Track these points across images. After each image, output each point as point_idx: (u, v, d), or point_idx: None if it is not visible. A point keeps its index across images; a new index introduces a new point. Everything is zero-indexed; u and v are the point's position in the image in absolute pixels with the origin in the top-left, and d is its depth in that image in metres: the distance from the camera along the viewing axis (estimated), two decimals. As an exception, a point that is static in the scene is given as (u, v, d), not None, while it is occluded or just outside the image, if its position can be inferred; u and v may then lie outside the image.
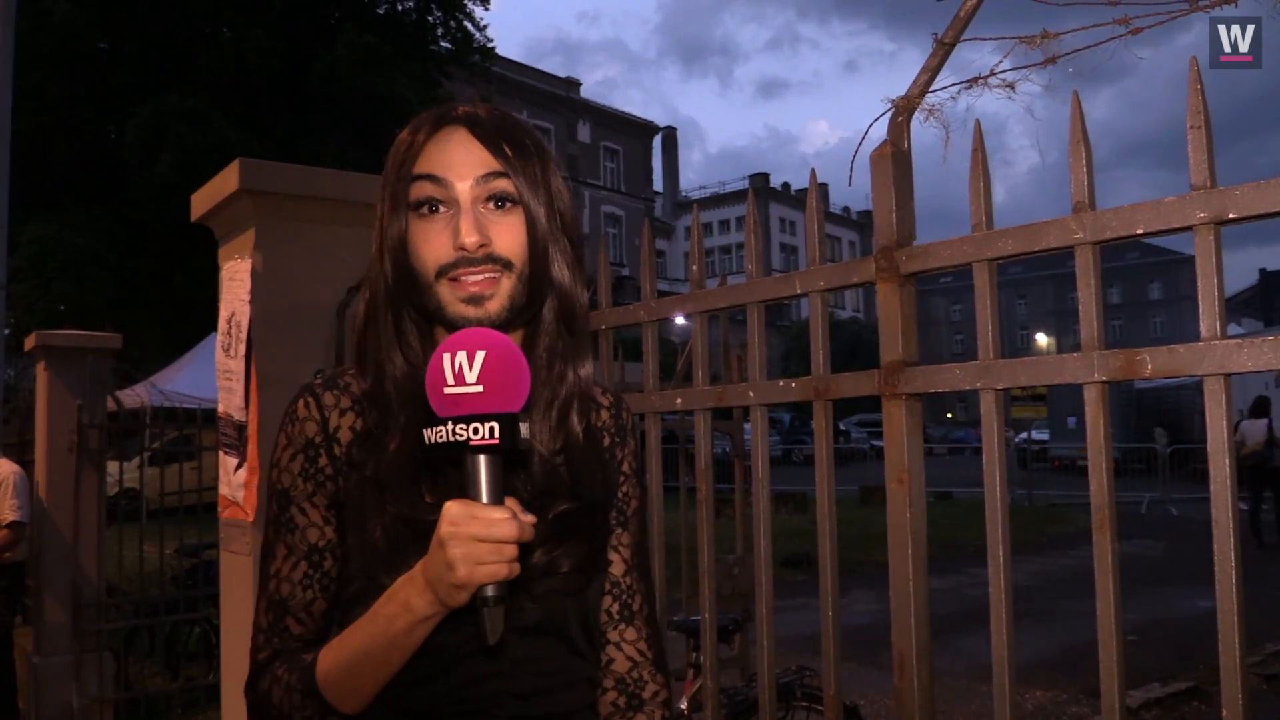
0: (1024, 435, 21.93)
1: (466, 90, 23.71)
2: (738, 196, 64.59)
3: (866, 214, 71.11)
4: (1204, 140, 1.28)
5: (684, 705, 3.62)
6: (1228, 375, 1.27)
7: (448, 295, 1.16)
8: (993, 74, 1.56)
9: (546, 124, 46.09)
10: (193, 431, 6.71)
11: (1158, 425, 20.87)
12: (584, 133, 48.68)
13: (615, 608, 1.29)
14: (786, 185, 68.23)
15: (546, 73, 48.45)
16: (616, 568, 1.30)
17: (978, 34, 1.73)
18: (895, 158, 1.63)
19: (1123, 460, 22.94)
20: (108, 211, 17.72)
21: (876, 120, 1.68)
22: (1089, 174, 1.40)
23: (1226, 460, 1.26)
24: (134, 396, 8.46)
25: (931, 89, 1.69)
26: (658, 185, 57.70)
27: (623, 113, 52.79)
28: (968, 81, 1.61)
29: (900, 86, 1.80)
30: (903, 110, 1.66)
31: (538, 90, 45.78)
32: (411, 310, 1.21)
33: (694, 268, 2.04)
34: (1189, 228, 1.29)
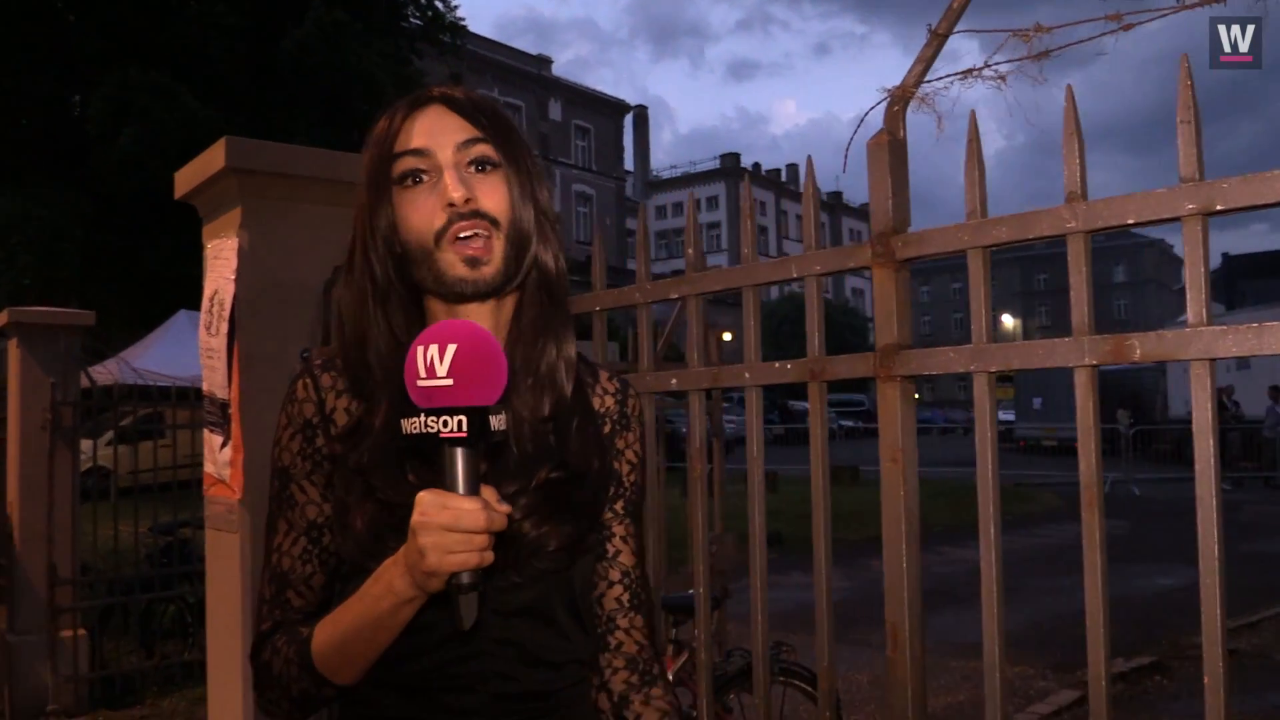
0: (991, 416, 22.13)
1: (437, 68, 23.49)
2: (708, 176, 64.69)
3: (835, 195, 71.58)
4: (1193, 134, 1.33)
5: (666, 680, 3.67)
6: (1213, 360, 1.32)
7: (450, 258, 1.18)
8: (987, 65, 1.60)
9: (517, 101, 45.75)
10: (164, 409, 6.67)
11: (1121, 407, 21.22)
12: (555, 111, 48.36)
13: (627, 597, 1.33)
14: (757, 165, 68.37)
15: (518, 50, 48.01)
16: (626, 558, 1.33)
17: (970, 25, 1.77)
18: (891, 146, 1.67)
19: (1086, 441, 23.21)
20: (72, 185, 17.42)
21: (872, 109, 1.72)
22: (1082, 165, 1.45)
23: (1210, 441, 1.31)
24: (105, 374, 8.38)
25: (926, 79, 1.73)
26: (628, 164, 57.51)
27: (594, 91, 52.44)
28: (961, 73, 1.65)
29: (872, 69, 1.85)
30: (898, 100, 1.70)
31: (509, 68, 45.39)
32: (401, 289, 1.23)
33: (689, 251, 2.07)
34: (1178, 218, 1.34)
